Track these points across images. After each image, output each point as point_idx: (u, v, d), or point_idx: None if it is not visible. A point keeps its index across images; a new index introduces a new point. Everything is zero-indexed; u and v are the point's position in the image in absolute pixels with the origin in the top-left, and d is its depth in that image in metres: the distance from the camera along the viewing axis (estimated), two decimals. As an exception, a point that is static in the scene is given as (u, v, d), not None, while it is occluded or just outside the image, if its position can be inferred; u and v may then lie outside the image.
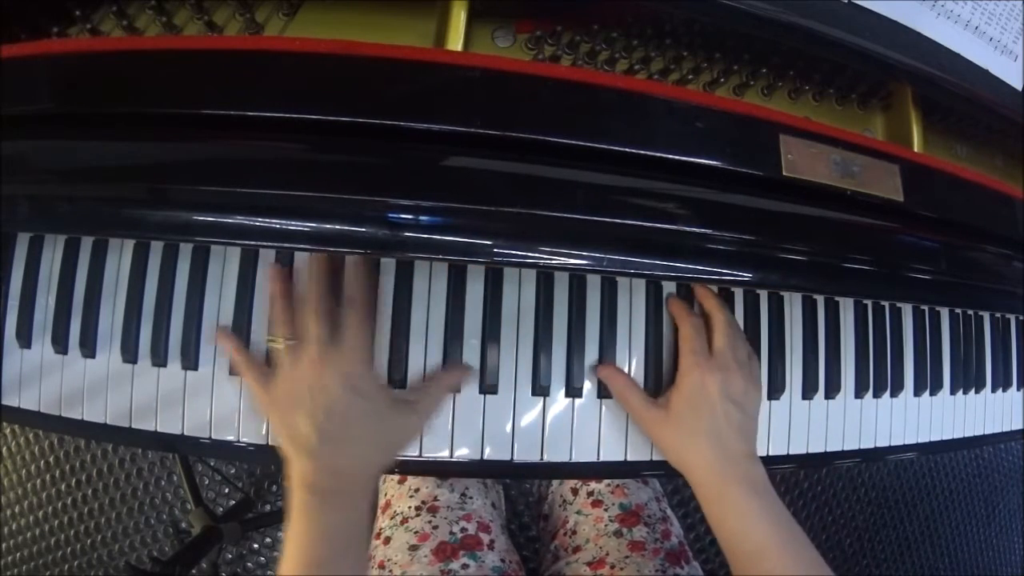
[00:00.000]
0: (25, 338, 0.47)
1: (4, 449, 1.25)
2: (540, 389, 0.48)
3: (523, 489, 1.21)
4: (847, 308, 0.56)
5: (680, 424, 0.46)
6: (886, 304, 0.58)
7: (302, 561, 0.39)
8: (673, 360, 0.50)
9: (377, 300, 0.46)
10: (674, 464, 0.47)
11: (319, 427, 0.41)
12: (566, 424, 0.49)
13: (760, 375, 0.50)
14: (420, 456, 0.47)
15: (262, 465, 1.21)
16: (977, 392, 0.63)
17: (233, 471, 1.23)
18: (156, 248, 0.47)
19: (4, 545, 1.23)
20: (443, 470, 0.47)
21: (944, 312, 0.62)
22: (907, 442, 0.58)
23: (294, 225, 0.38)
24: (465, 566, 0.57)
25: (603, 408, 0.49)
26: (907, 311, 0.59)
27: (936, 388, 0.60)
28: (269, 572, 1.24)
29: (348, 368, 0.42)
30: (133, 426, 0.46)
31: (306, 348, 0.42)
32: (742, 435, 0.46)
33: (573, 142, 0.40)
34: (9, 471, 1.24)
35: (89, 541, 1.23)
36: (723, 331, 0.47)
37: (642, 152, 0.41)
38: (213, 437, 0.46)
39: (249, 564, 1.24)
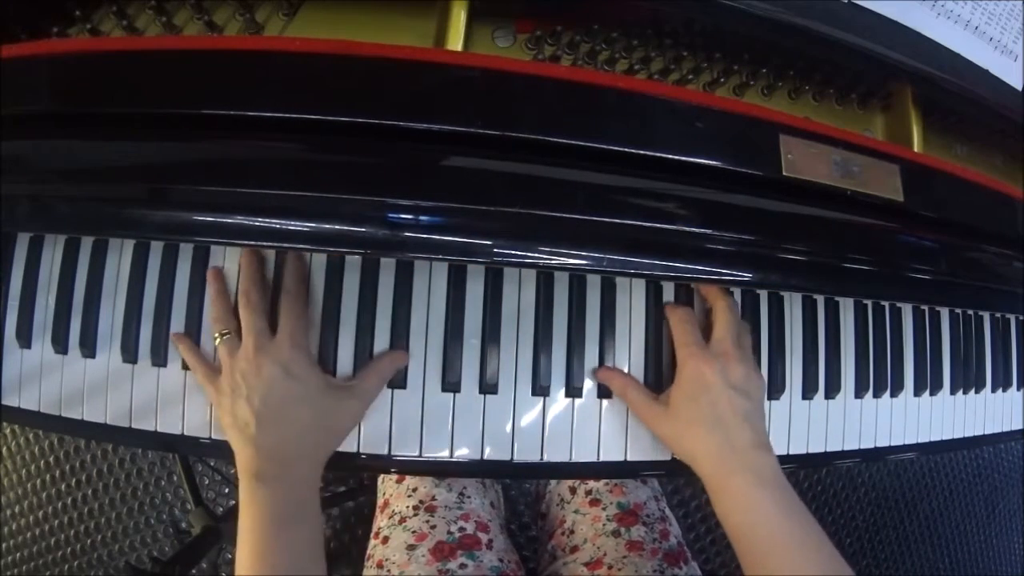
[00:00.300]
0: (25, 338, 0.47)
1: (4, 449, 1.25)
2: (540, 389, 0.48)
3: (523, 489, 1.21)
4: (847, 308, 0.56)
5: (680, 416, 0.45)
6: (886, 304, 0.58)
7: (256, 549, 0.40)
8: (673, 359, 0.50)
9: (310, 289, 0.47)
10: (680, 457, 0.47)
11: (257, 412, 0.42)
12: (566, 424, 0.49)
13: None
14: (420, 456, 0.47)
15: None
16: (977, 392, 0.63)
17: (233, 471, 1.22)
18: (156, 248, 0.47)
19: (4, 545, 1.23)
20: (443, 470, 0.47)
21: (944, 312, 0.62)
22: (907, 442, 0.58)
23: (294, 225, 0.38)
24: (463, 566, 0.57)
25: (603, 408, 0.49)
26: (907, 311, 0.59)
27: (936, 388, 0.60)
28: (269, 572, 1.24)
29: (283, 354, 0.43)
30: (133, 426, 0.46)
31: (243, 339, 0.43)
32: (747, 423, 0.44)
33: (573, 142, 0.40)
34: (9, 471, 1.24)
35: (89, 541, 1.23)
36: (724, 318, 0.46)
37: (642, 152, 0.41)
38: (213, 437, 0.46)
39: (249, 564, 1.24)
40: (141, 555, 1.23)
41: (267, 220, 0.38)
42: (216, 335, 0.44)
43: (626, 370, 0.49)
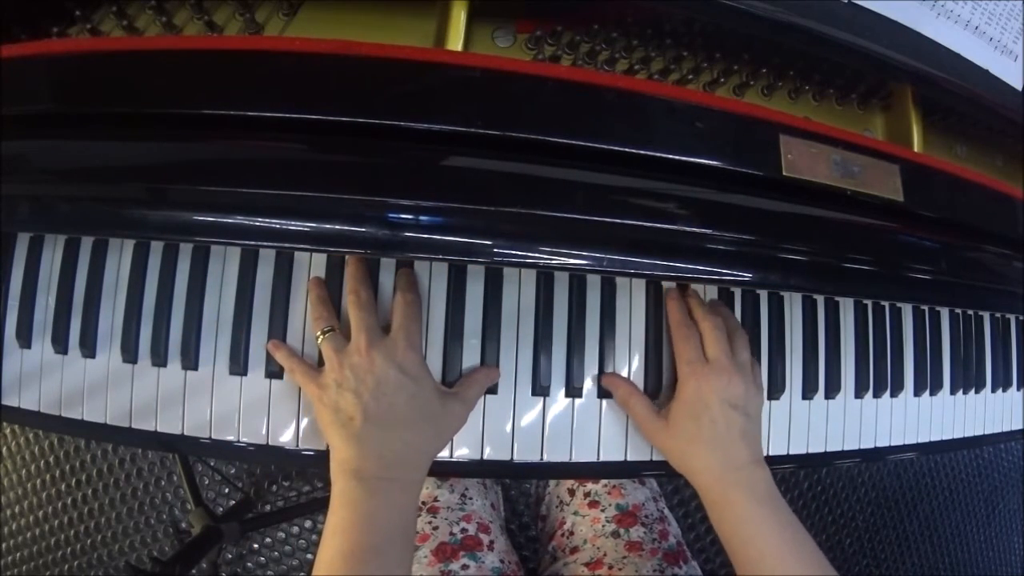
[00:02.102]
0: (25, 338, 0.47)
1: (4, 449, 1.25)
2: (540, 389, 0.48)
3: (523, 489, 1.21)
4: (847, 308, 0.56)
5: (681, 433, 0.46)
6: (886, 304, 0.58)
7: (344, 550, 0.38)
8: (673, 361, 0.50)
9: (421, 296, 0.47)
10: (678, 469, 0.47)
11: (365, 407, 0.41)
12: (566, 424, 0.49)
13: (760, 376, 0.50)
14: (420, 456, 0.47)
15: (262, 465, 1.21)
16: (977, 392, 0.63)
17: (233, 471, 1.23)
18: (156, 248, 0.47)
19: (4, 545, 1.23)
20: (443, 470, 0.47)
21: (944, 312, 0.62)
22: (907, 442, 0.58)
23: (294, 225, 0.38)
24: (465, 567, 0.57)
25: (603, 408, 0.49)
26: (907, 311, 0.59)
27: (936, 388, 0.60)
28: (269, 572, 1.24)
29: (398, 352, 0.42)
30: (133, 426, 0.46)
31: (354, 336, 0.42)
32: (744, 440, 0.45)
33: (573, 142, 0.40)
34: (9, 471, 1.24)
35: (89, 541, 1.23)
36: (713, 336, 0.46)
37: (642, 152, 0.41)
38: (213, 437, 0.46)
39: (249, 564, 1.24)
40: (141, 555, 1.23)
41: (267, 220, 0.38)
42: (318, 333, 0.43)
43: (626, 371, 0.50)
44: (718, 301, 0.51)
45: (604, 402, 0.49)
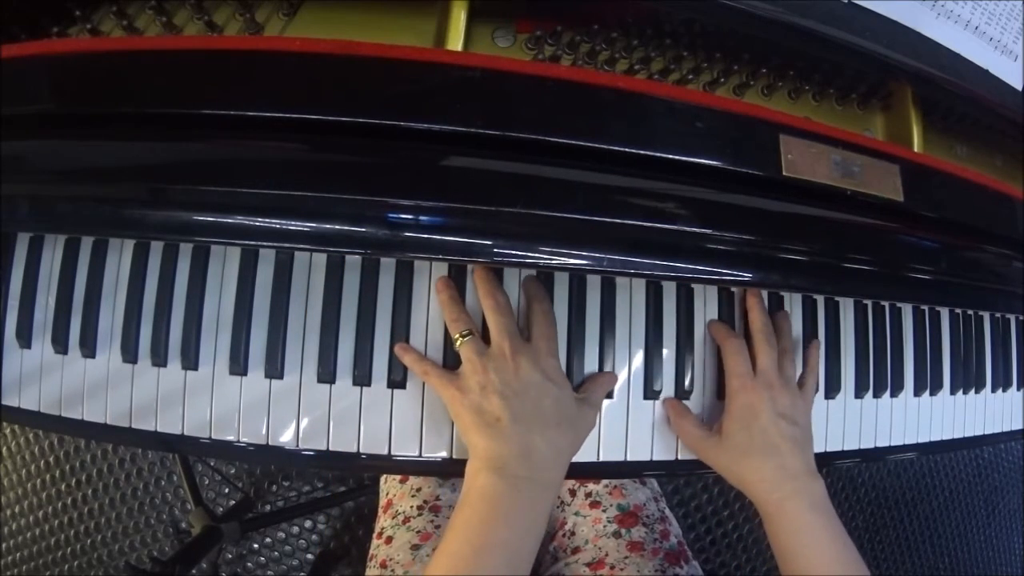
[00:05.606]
0: (25, 338, 0.47)
1: (4, 449, 1.25)
2: (540, 389, 0.48)
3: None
4: (847, 308, 0.56)
5: (734, 446, 0.47)
6: (886, 304, 0.58)
7: (476, 543, 0.40)
8: (673, 358, 0.50)
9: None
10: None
11: (511, 407, 0.42)
12: (566, 424, 0.48)
13: (815, 385, 0.51)
14: (420, 456, 0.47)
15: (262, 465, 1.21)
16: (977, 392, 0.63)
17: (233, 471, 1.23)
18: (156, 248, 0.47)
19: (4, 545, 1.23)
20: (446, 470, 0.47)
21: (944, 312, 0.62)
22: (907, 442, 0.58)
23: (294, 225, 0.38)
24: (466, 566, 0.57)
25: (604, 408, 0.49)
26: (907, 311, 0.59)
27: (936, 388, 0.60)
28: (269, 572, 1.24)
29: (540, 357, 0.44)
30: (133, 426, 0.46)
31: (497, 341, 0.44)
32: (798, 448, 0.46)
33: (573, 142, 0.40)
34: (9, 471, 1.24)
35: (89, 541, 1.23)
36: (764, 351, 0.48)
37: (642, 152, 0.41)
38: (213, 437, 0.46)
39: (249, 564, 1.24)
40: (141, 555, 1.23)
41: (267, 220, 0.38)
42: (457, 336, 0.44)
43: (626, 370, 0.50)
44: (784, 313, 0.53)
45: (605, 402, 0.49)
